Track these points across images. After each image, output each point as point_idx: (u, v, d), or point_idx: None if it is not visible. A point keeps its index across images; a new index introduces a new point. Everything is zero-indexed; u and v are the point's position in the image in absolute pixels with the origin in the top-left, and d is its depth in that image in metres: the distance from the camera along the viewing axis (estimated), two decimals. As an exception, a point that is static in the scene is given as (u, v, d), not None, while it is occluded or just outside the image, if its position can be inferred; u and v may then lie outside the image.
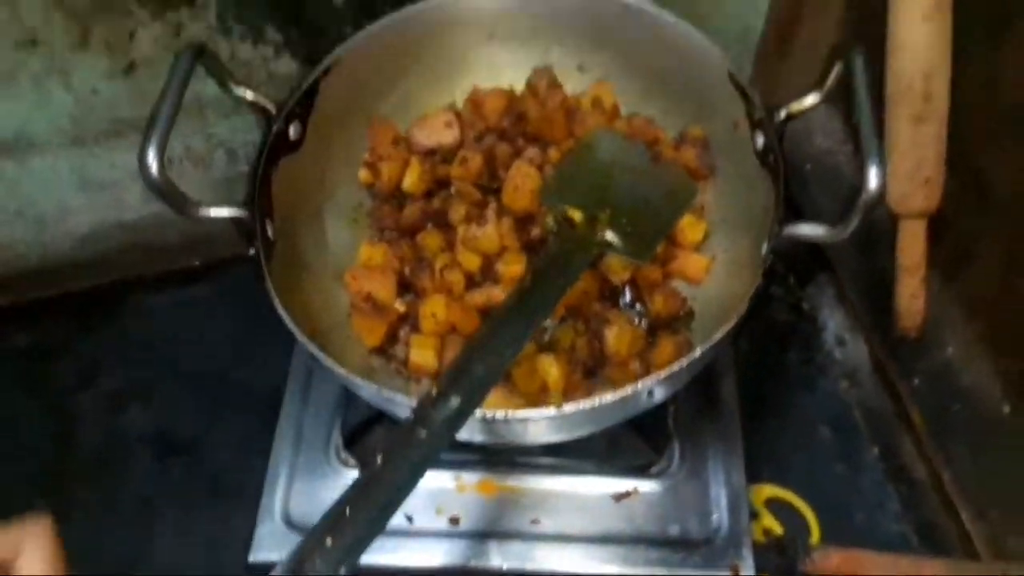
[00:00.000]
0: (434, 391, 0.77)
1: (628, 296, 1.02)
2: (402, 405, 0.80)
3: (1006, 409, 1.04)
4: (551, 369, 0.92)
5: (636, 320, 1.00)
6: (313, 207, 1.06)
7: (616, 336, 0.94)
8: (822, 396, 1.31)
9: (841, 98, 0.86)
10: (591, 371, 0.96)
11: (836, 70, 0.84)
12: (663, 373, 0.79)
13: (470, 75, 1.12)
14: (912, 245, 1.06)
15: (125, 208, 1.33)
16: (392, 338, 1.03)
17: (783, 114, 0.89)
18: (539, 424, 0.82)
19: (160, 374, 1.38)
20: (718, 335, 0.80)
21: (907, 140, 0.99)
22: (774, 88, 1.37)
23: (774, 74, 1.34)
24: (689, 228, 1.03)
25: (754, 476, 1.16)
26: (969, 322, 1.10)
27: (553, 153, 1.07)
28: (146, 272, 1.46)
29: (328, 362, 0.82)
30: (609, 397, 0.78)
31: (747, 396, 1.14)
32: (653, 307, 1.00)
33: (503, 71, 1.12)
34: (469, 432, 0.82)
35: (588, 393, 0.90)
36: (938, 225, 1.06)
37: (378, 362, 1.01)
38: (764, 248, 0.87)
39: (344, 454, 1.06)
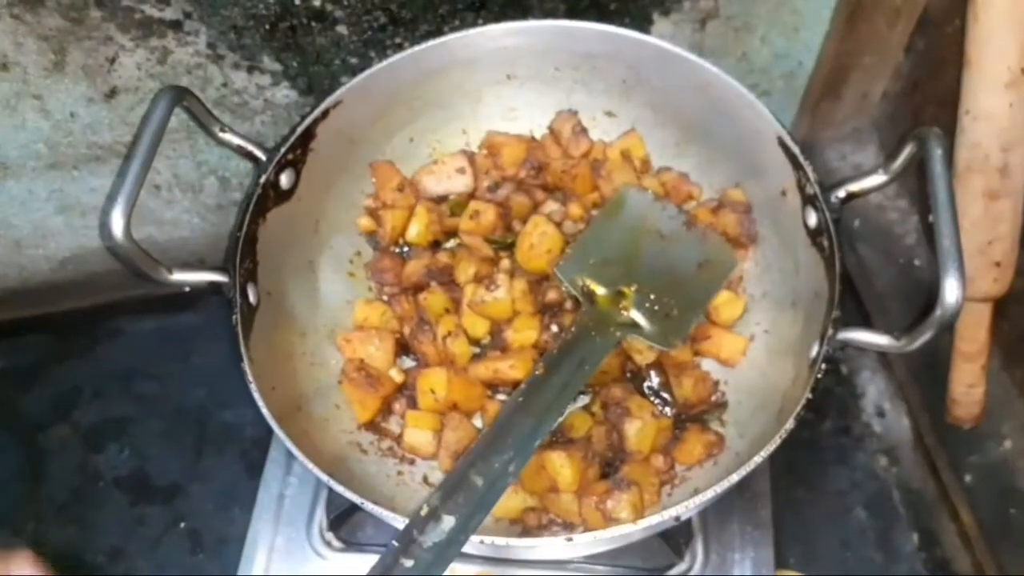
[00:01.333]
0: (424, 509, 0.67)
1: (654, 379, 0.91)
2: (391, 519, 0.70)
3: (1071, 520, 0.93)
4: (563, 470, 0.81)
5: (661, 408, 0.89)
6: (305, 258, 0.95)
7: (638, 432, 0.84)
8: (858, 472, 1.20)
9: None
10: (608, 464, 0.85)
11: (908, 151, 0.73)
12: (696, 501, 0.68)
13: (485, 117, 1.01)
14: (974, 331, 0.95)
15: (108, 233, 1.23)
16: (386, 411, 0.92)
17: (842, 193, 0.78)
18: (547, 550, 0.71)
19: (140, 411, 1.29)
20: (759, 456, 0.69)
21: (978, 217, 0.88)
22: (821, 131, 1.25)
23: (822, 116, 1.22)
24: (725, 304, 0.91)
25: (780, 561, 1.05)
26: (1032, 415, 0.98)
27: (574, 208, 0.96)
28: (129, 296, 1.35)
29: (309, 465, 0.72)
30: (628, 528, 0.67)
31: (776, 466, 1.01)
32: (681, 393, 0.89)
33: (521, 114, 1.01)
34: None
35: (604, 495, 0.79)
36: (1003, 302, 0.95)
37: (369, 438, 0.90)
38: (814, 351, 0.75)
39: (328, 535, 0.96)
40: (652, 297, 0.86)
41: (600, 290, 0.86)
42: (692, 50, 0.90)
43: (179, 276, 0.79)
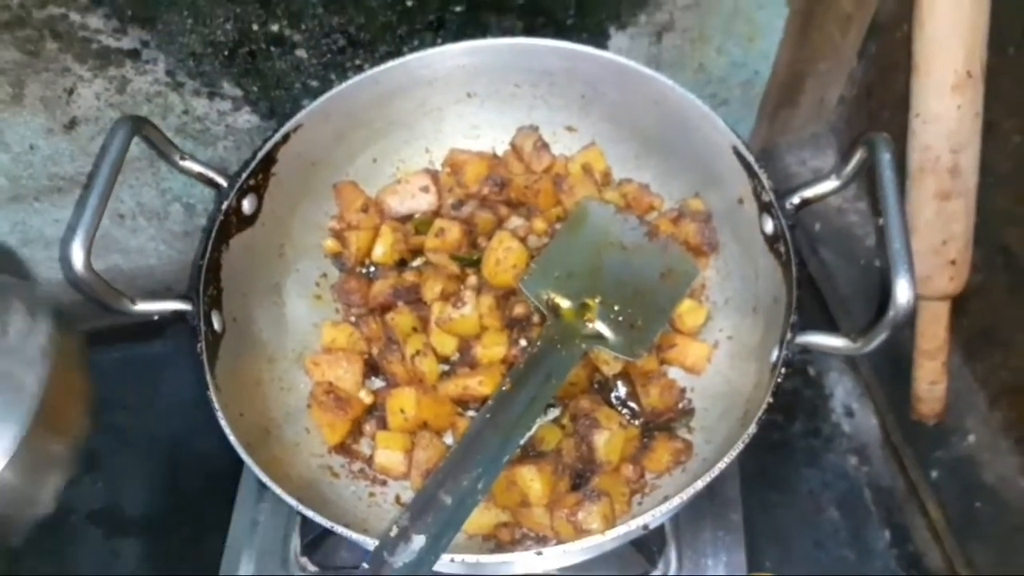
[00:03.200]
0: (393, 530, 0.67)
1: (621, 389, 0.92)
2: (362, 542, 0.70)
3: (1036, 511, 0.94)
4: (534, 484, 0.81)
5: (629, 417, 0.90)
6: (271, 282, 0.95)
7: (607, 442, 0.84)
8: (829, 473, 1.21)
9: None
10: (579, 476, 0.86)
11: (858, 156, 0.74)
12: (662, 509, 0.69)
13: (447, 135, 1.02)
14: (933, 329, 0.97)
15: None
16: (356, 433, 0.92)
17: (796, 200, 0.79)
18: (518, 565, 0.72)
19: (112, 442, 1.27)
20: (723, 462, 0.70)
21: (931, 218, 0.90)
22: (780, 137, 1.27)
23: (780, 122, 1.24)
24: (688, 312, 0.92)
25: (756, 564, 1.06)
26: (993, 409, 1.00)
27: (539, 223, 0.97)
28: (96, 326, 1.34)
29: (279, 490, 0.72)
30: (598, 540, 0.68)
31: (748, 470, 1.03)
32: (648, 401, 0.90)
33: (483, 131, 1.02)
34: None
35: (575, 507, 0.80)
36: (961, 299, 0.96)
37: (340, 461, 0.90)
38: (774, 355, 0.76)
39: (303, 560, 0.96)
40: (616, 308, 0.87)
41: (565, 303, 0.87)
42: (649, 63, 0.92)
43: (143, 306, 0.79)
